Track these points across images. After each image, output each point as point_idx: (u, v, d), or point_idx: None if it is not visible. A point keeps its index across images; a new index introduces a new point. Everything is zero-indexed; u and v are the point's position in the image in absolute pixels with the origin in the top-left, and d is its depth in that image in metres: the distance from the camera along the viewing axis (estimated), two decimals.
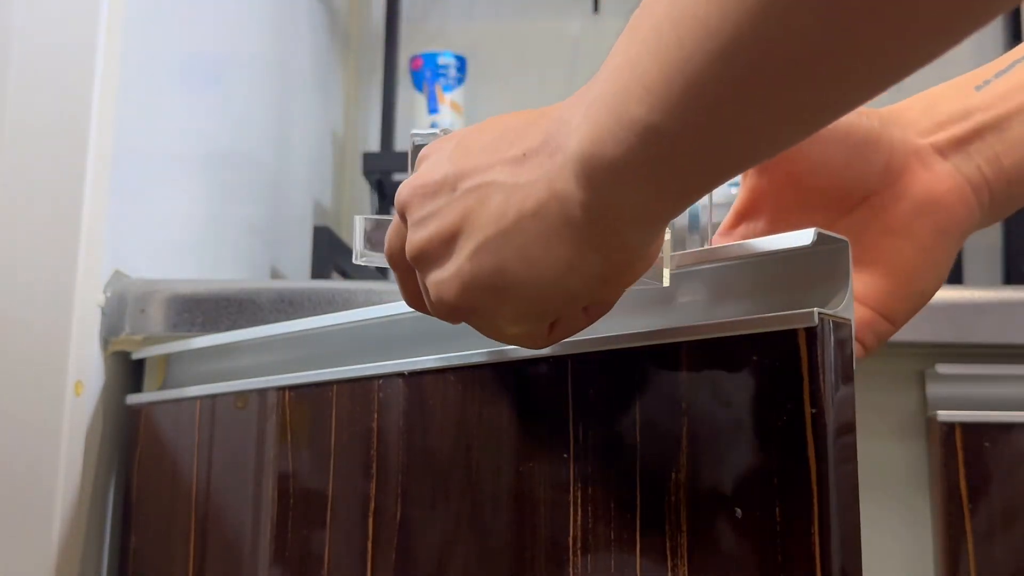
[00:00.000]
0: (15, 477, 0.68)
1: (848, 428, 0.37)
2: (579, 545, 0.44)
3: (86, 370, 0.71)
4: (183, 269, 0.86)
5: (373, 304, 0.70)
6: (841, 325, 0.38)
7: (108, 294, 0.73)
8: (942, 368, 0.63)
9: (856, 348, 0.45)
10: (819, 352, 0.37)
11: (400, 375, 0.52)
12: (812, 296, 0.39)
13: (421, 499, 0.51)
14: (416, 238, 0.39)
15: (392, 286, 0.71)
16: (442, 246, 0.38)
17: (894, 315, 0.45)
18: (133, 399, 0.74)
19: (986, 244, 1.21)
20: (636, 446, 0.42)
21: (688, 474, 0.40)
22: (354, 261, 0.50)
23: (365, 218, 0.50)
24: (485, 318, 0.39)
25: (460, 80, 1.24)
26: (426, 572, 0.50)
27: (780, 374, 0.38)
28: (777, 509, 0.37)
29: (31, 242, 0.70)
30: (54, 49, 0.72)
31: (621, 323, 0.44)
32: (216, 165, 0.94)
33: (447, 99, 1.22)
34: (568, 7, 1.34)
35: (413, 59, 1.24)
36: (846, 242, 0.39)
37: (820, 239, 0.38)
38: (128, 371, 0.76)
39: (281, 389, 0.61)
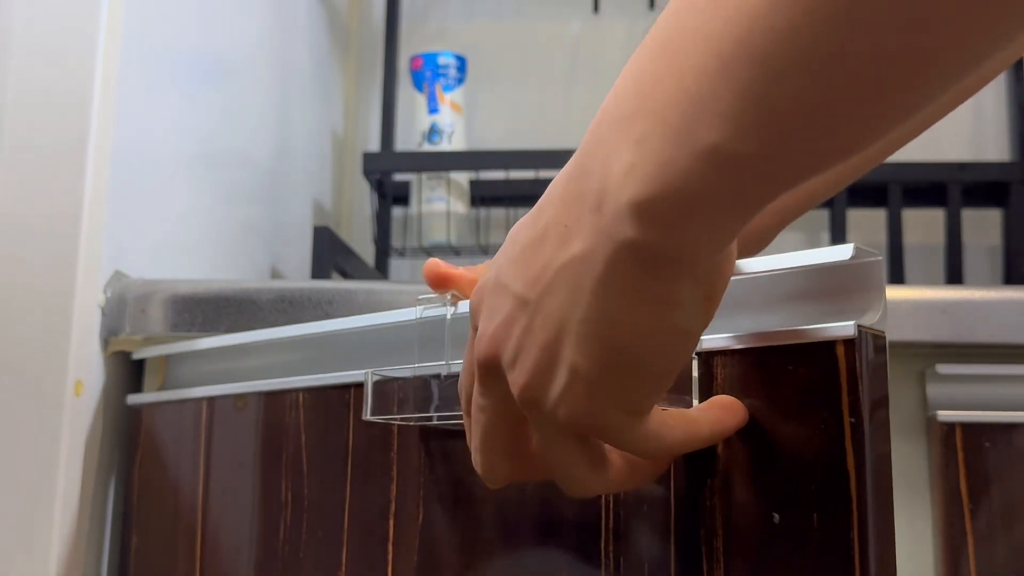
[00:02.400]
0: (15, 477, 0.68)
1: (884, 437, 0.39)
2: (611, 548, 0.44)
3: (86, 370, 0.71)
4: (183, 269, 0.86)
5: (373, 303, 0.70)
6: (876, 337, 0.39)
7: (108, 294, 0.73)
8: (942, 368, 0.63)
9: None
10: (858, 363, 0.38)
11: (419, 378, 0.52)
12: (848, 308, 0.40)
13: (444, 501, 0.51)
14: (518, 374, 0.36)
15: (391, 286, 0.71)
16: (549, 363, 0.35)
17: None
18: (133, 399, 0.74)
19: (986, 244, 1.21)
20: None
21: (724, 479, 0.41)
22: (363, 418, 0.50)
23: (373, 372, 0.49)
24: (624, 412, 0.36)
25: (460, 80, 1.23)
26: (450, 574, 0.50)
27: (819, 384, 0.39)
28: (815, 515, 0.38)
29: (31, 242, 0.70)
30: (54, 49, 0.72)
31: None
32: (216, 165, 0.94)
33: (447, 99, 1.22)
34: (568, 7, 1.34)
35: (413, 59, 1.24)
36: (880, 257, 0.40)
37: (857, 253, 0.40)
38: (128, 371, 0.76)
39: (294, 391, 0.61)
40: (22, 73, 0.72)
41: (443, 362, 0.49)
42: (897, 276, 1.15)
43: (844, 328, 0.38)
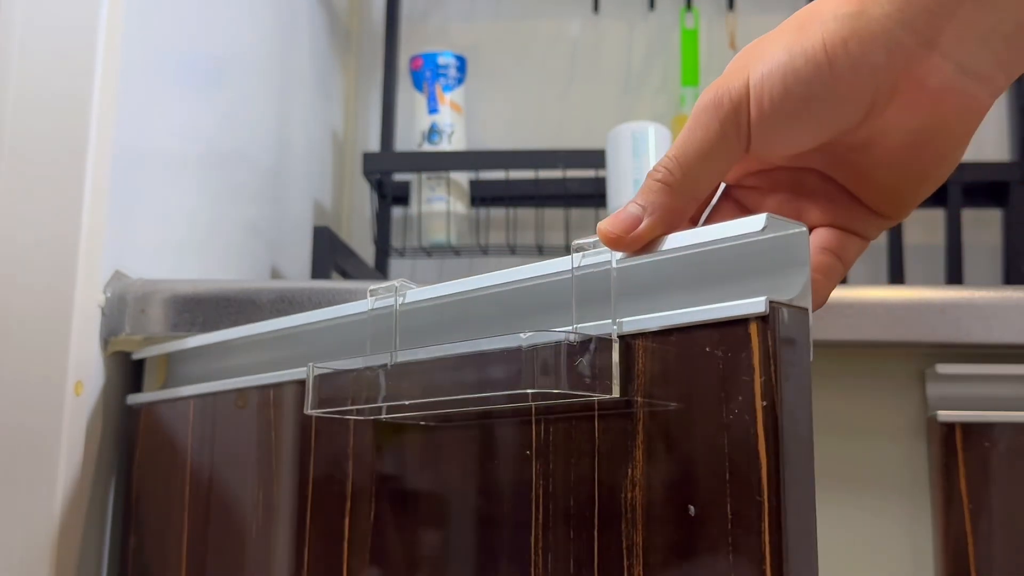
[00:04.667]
0: (15, 477, 0.68)
1: (803, 422, 0.36)
2: (540, 543, 0.43)
3: (86, 370, 0.71)
4: (183, 269, 0.86)
5: None
6: (797, 313, 0.37)
7: (108, 294, 0.73)
8: (942, 368, 0.63)
9: (858, 244, 0.43)
10: (770, 342, 0.36)
11: (366, 370, 0.51)
12: (767, 284, 0.38)
13: (393, 497, 0.51)
14: None
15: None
16: None
17: (899, 214, 0.44)
18: (133, 399, 0.74)
19: (986, 244, 1.21)
20: (595, 440, 0.42)
21: (643, 471, 0.39)
22: (305, 412, 0.49)
23: (316, 365, 0.49)
24: None
25: (460, 80, 1.24)
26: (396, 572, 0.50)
27: (732, 365, 0.37)
28: (728, 506, 0.36)
29: (31, 242, 0.70)
30: (54, 49, 0.72)
31: (569, 315, 0.44)
32: (216, 165, 0.94)
33: (447, 99, 1.22)
34: (568, 7, 1.34)
35: (413, 59, 1.24)
36: (804, 229, 0.38)
37: (772, 224, 0.37)
38: (128, 371, 0.76)
39: (268, 387, 0.61)
40: (22, 73, 0.72)
41: (388, 352, 0.47)
42: (897, 276, 1.15)
43: (755, 304, 0.36)
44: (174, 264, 0.85)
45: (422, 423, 0.50)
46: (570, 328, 0.42)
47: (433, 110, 1.21)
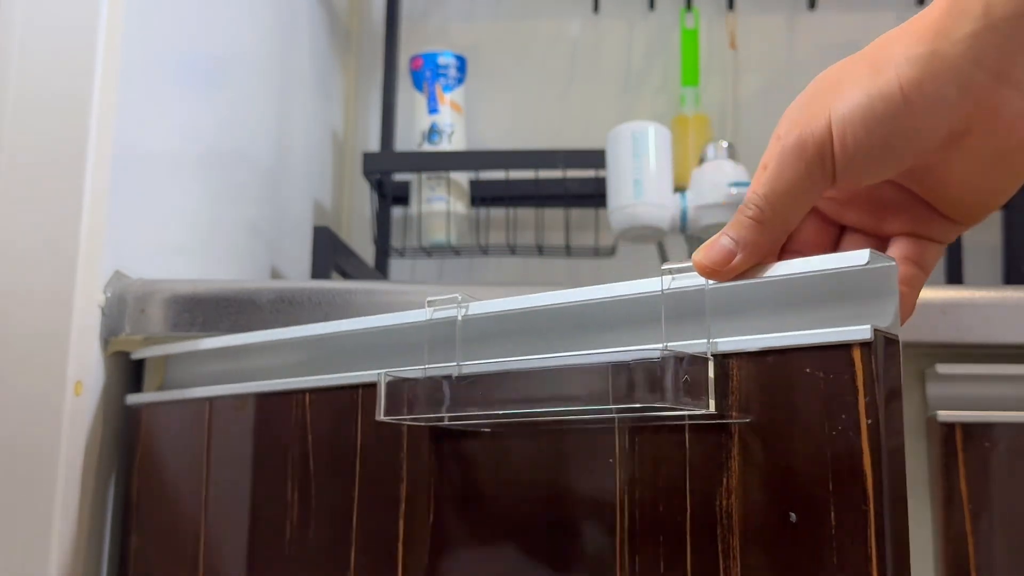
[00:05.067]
0: (15, 477, 0.68)
1: (898, 439, 0.40)
2: (626, 546, 0.45)
3: (86, 370, 0.71)
4: (183, 269, 0.86)
5: (372, 303, 0.70)
6: (891, 340, 0.40)
7: (108, 294, 0.73)
8: (942, 368, 0.63)
9: (936, 249, 0.47)
10: (874, 366, 0.39)
11: (432, 379, 0.52)
12: (863, 312, 0.41)
13: (455, 500, 0.51)
14: None
15: (391, 286, 0.71)
16: None
17: (973, 221, 0.47)
18: (133, 399, 0.74)
19: (986, 244, 1.21)
20: (685, 451, 0.44)
21: (739, 480, 0.42)
22: (377, 418, 0.51)
23: (386, 373, 0.50)
24: None
25: (460, 80, 1.24)
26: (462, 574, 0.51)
27: (836, 386, 0.40)
28: (832, 514, 0.39)
29: (31, 242, 0.70)
30: (54, 49, 0.72)
31: (672, 332, 0.45)
32: (216, 165, 0.94)
33: (447, 99, 1.22)
34: (568, 7, 1.34)
35: (413, 59, 1.24)
36: (894, 263, 0.41)
37: (873, 258, 0.40)
38: (128, 371, 0.76)
39: (300, 391, 0.61)
40: (22, 73, 0.72)
41: (455, 363, 0.49)
42: None
43: (861, 332, 0.40)
44: (174, 264, 0.85)
45: (486, 430, 0.51)
46: (662, 346, 0.45)
47: (433, 110, 1.21)
